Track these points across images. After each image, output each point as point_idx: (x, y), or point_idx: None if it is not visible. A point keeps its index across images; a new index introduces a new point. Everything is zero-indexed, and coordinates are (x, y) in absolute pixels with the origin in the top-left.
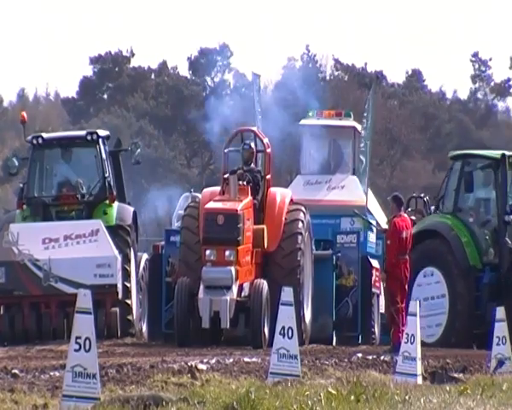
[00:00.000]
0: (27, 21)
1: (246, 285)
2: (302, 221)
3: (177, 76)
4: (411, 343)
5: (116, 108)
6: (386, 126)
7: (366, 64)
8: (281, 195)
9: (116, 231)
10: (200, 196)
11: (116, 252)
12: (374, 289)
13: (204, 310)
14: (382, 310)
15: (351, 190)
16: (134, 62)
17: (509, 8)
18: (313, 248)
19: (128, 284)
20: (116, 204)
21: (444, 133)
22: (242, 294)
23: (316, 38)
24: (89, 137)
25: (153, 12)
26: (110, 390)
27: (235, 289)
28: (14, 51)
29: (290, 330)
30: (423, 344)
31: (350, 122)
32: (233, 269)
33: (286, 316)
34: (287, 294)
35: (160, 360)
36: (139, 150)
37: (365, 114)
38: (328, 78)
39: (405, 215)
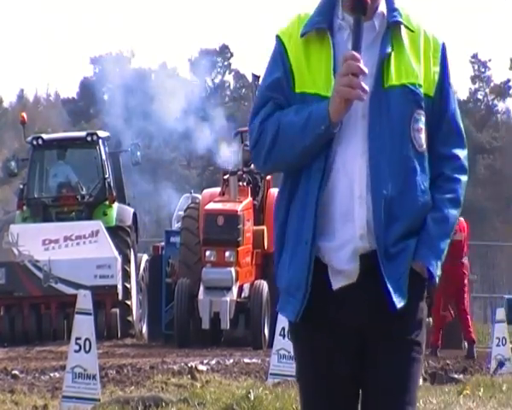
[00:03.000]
0: (27, 22)
1: (246, 286)
2: None
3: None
4: None
5: (116, 108)
6: None
7: None
8: None
9: (116, 232)
10: (200, 197)
11: (116, 253)
12: None
13: (204, 311)
14: None
15: None
16: (134, 63)
17: (508, 9)
18: None
19: (128, 285)
20: (116, 205)
21: None
22: (242, 295)
23: None
24: (89, 138)
25: (153, 13)
26: (110, 391)
27: (235, 290)
28: (14, 52)
29: None
30: None
31: None
32: (233, 270)
33: None
34: None
35: (160, 360)
36: (139, 151)
37: None
38: None
39: (461, 219)
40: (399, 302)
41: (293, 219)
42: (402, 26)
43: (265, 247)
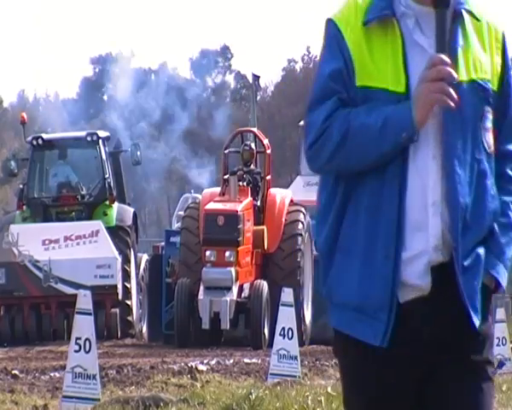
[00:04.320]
0: (28, 22)
1: (246, 286)
2: (302, 222)
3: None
4: None
5: (116, 108)
6: None
7: None
8: (281, 196)
9: (116, 232)
10: (200, 196)
11: (116, 253)
12: None
13: (204, 311)
14: None
15: None
16: (134, 63)
17: (508, 10)
18: (313, 249)
19: (128, 285)
20: (116, 205)
21: None
22: (242, 295)
23: (317, 39)
24: (89, 138)
25: (153, 13)
26: (110, 391)
27: (235, 290)
28: (14, 52)
29: (290, 331)
30: None
31: None
32: (233, 270)
33: (286, 317)
34: (287, 295)
35: (160, 360)
36: (139, 151)
37: None
38: None
39: None
40: (477, 320)
41: (358, 226)
42: (469, 16)
43: (265, 247)
